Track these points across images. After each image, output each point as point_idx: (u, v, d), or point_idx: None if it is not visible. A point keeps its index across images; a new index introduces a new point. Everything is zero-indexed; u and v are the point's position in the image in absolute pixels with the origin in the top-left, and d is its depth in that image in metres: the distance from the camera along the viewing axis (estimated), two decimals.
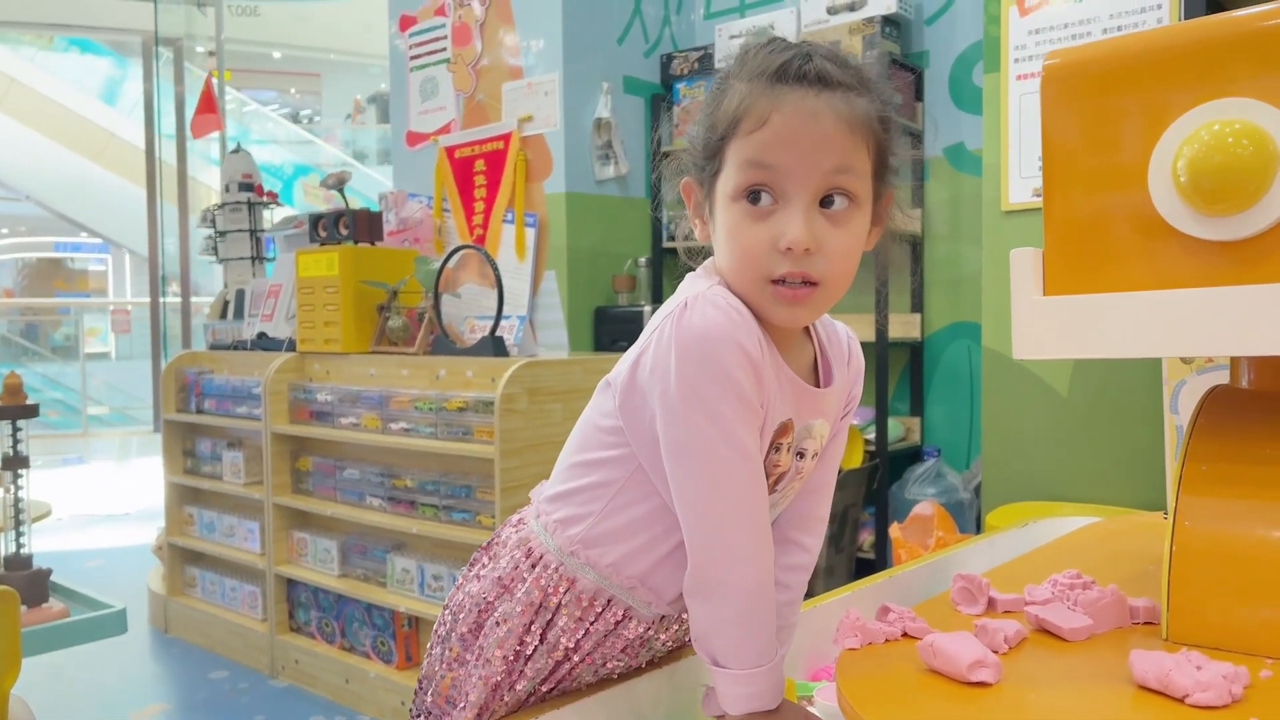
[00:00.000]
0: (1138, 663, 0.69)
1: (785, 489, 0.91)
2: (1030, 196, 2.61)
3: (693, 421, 0.80)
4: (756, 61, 0.82)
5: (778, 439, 0.86)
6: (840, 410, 0.95)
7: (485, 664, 0.91)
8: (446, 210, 3.82)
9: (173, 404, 3.46)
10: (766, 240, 0.79)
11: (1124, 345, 0.77)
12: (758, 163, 0.79)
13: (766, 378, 0.82)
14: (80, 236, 13.82)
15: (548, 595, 0.91)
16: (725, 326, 0.79)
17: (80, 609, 2.08)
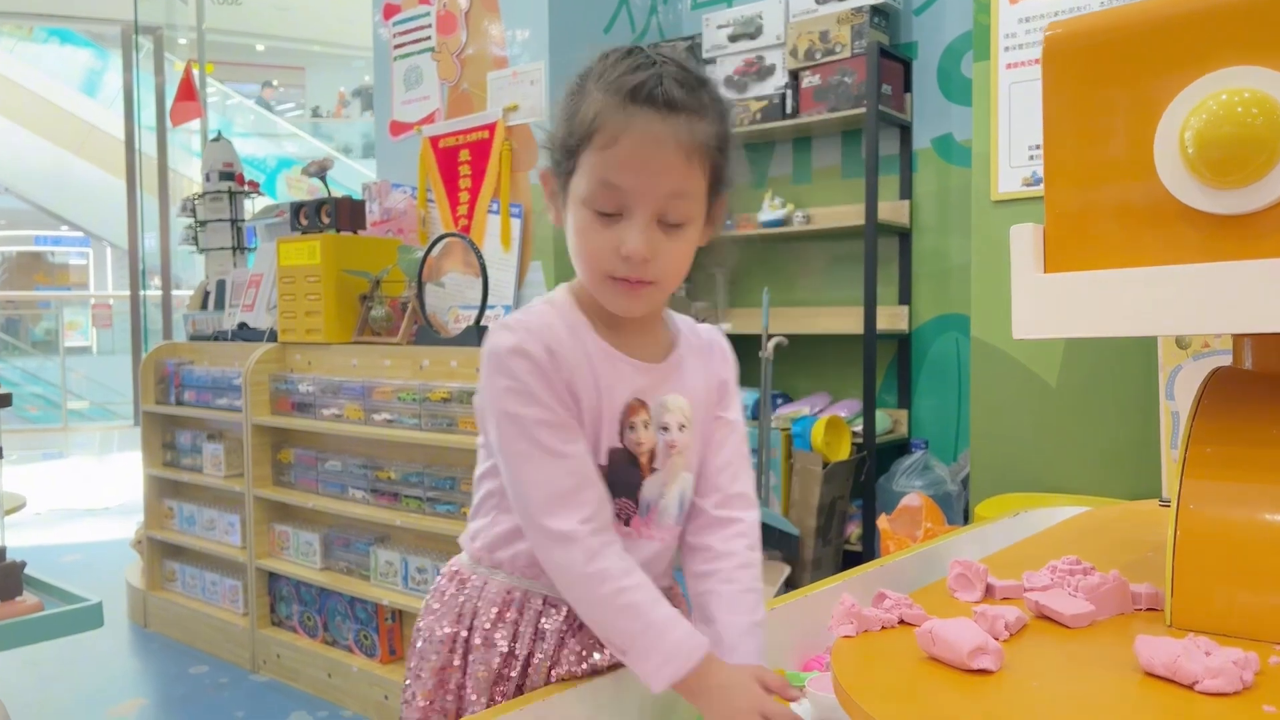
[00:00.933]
0: (1144, 649, 0.67)
1: (665, 465, 0.97)
2: (1020, 186, 2.59)
3: (502, 428, 0.91)
4: (615, 74, 0.89)
5: (629, 418, 0.95)
6: (707, 390, 1.02)
7: (418, 680, 1.01)
8: (431, 200, 3.78)
9: (152, 395, 3.41)
10: (610, 246, 0.88)
11: (1127, 323, 0.75)
12: (606, 182, 0.88)
13: (585, 371, 0.92)
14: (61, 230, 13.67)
15: (465, 603, 1.00)
16: (511, 343, 0.90)
17: (55, 602, 2.03)
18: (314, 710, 2.63)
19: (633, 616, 0.88)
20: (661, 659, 0.86)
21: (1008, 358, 2.63)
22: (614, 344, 0.95)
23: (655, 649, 0.87)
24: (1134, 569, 0.89)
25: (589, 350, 0.93)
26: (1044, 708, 0.64)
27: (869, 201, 3.31)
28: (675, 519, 1.00)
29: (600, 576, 0.88)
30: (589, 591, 0.89)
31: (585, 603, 0.90)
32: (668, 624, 0.88)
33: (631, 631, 0.88)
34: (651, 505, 0.98)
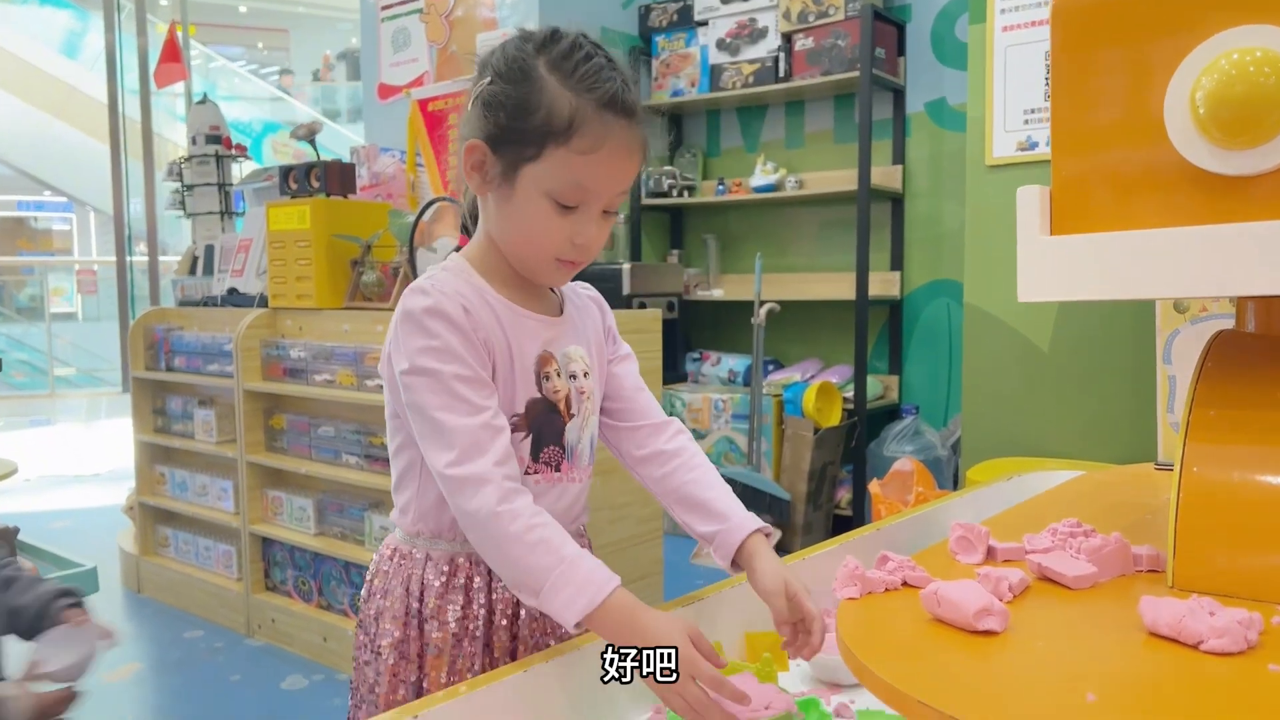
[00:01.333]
0: (1148, 609, 0.67)
1: (580, 408, 1.04)
2: (1014, 151, 2.59)
3: (417, 386, 0.94)
4: (580, 73, 0.92)
5: (543, 368, 1.01)
6: (600, 338, 1.10)
7: (377, 657, 1.03)
8: (420, 165, 3.74)
9: (141, 361, 3.39)
10: (565, 234, 0.95)
11: (1135, 285, 0.75)
12: (578, 184, 0.93)
13: (495, 328, 0.97)
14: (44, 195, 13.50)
15: (410, 577, 1.02)
16: (428, 304, 0.94)
17: (49, 568, 2.03)
18: (309, 673, 2.65)
19: (544, 551, 0.89)
20: (574, 591, 0.87)
21: (1000, 323, 2.64)
22: (515, 301, 1.00)
23: (567, 582, 0.88)
24: (1133, 531, 0.90)
25: (495, 309, 0.98)
26: (1051, 667, 0.64)
27: (862, 166, 3.30)
28: (589, 459, 1.08)
29: (512, 514, 0.90)
30: (501, 529, 0.90)
31: (496, 542, 0.91)
32: (578, 558, 0.90)
33: (543, 566, 0.89)
34: (574, 449, 1.04)
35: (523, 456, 1.00)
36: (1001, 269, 2.62)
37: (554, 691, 0.92)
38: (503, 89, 0.93)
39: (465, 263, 1.01)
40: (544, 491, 1.02)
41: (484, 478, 0.91)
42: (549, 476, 1.02)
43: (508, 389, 0.98)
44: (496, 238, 1.00)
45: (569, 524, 1.06)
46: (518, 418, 0.99)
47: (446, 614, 1.01)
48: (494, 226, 0.99)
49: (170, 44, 4.80)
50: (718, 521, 1.03)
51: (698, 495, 1.06)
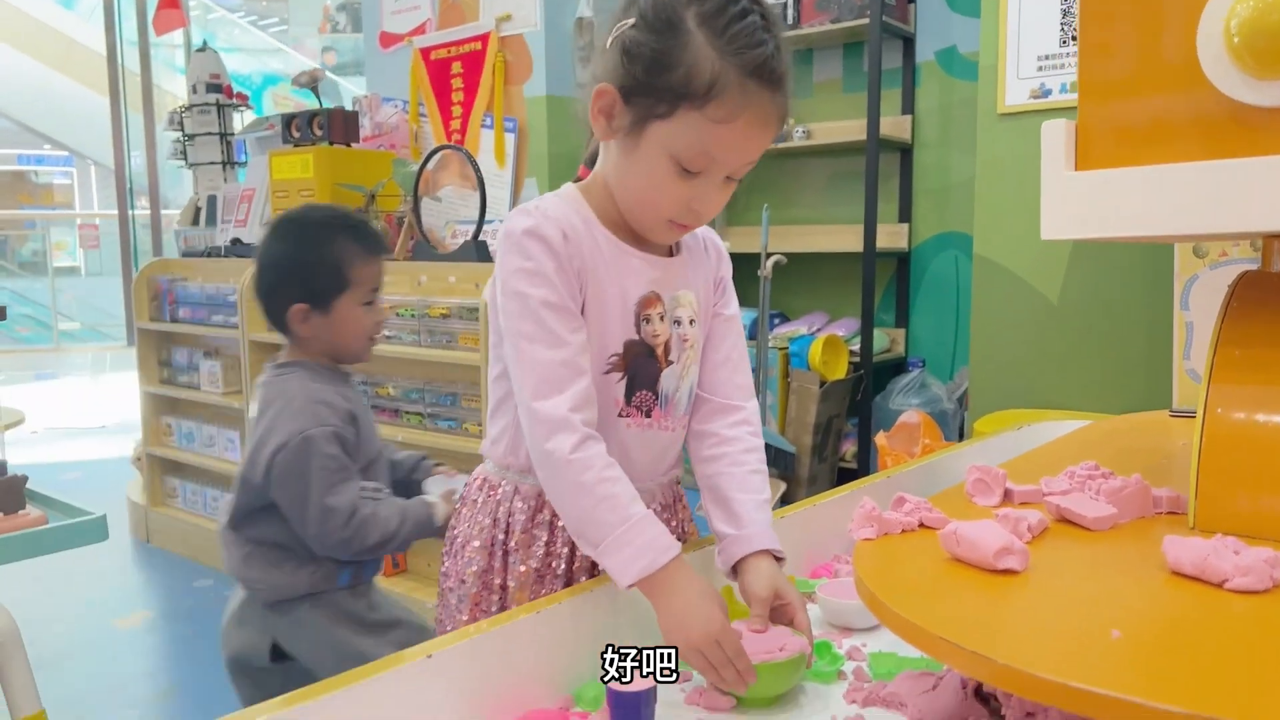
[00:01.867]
0: (1172, 548, 0.67)
1: (682, 357, 1.01)
2: (1027, 99, 2.54)
3: (508, 307, 0.92)
4: (733, 35, 0.85)
5: (645, 310, 0.97)
6: (709, 287, 1.06)
7: (461, 584, 1.03)
8: (423, 115, 3.70)
9: (146, 312, 3.37)
10: (683, 199, 0.91)
11: (1163, 221, 0.73)
12: (708, 154, 0.88)
13: (597, 260, 0.94)
14: (44, 149, 13.41)
15: (498, 507, 1.02)
16: (527, 224, 0.92)
17: (59, 517, 2.03)
18: None
19: (610, 508, 0.88)
20: (634, 552, 0.87)
21: (1010, 274, 2.61)
22: (623, 240, 0.97)
23: (629, 542, 0.87)
24: (1151, 475, 0.89)
25: (600, 243, 0.95)
26: (1074, 606, 0.64)
27: (870, 116, 3.25)
28: (685, 409, 1.04)
29: (585, 463, 0.89)
30: (572, 477, 0.89)
31: (565, 490, 0.91)
32: (644, 520, 0.89)
33: (608, 523, 0.88)
34: (669, 397, 1.01)
35: (617, 398, 0.97)
36: (1012, 219, 2.58)
37: (565, 632, 0.91)
38: (645, 37, 0.87)
39: (578, 194, 0.98)
40: (634, 436, 0.99)
41: (560, 421, 0.89)
42: (639, 421, 0.99)
43: (602, 326, 0.95)
44: (613, 186, 0.96)
45: (659, 475, 1.04)
46: (616, 357, 0.96)
47: (531, 549, 1.01)
48: (612, 175, 0.95)
49: None
50: (735, 525, 0.99)
51: (729, 492, 1.02)
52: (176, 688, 2.31)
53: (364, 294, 1.43)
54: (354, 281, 1.42)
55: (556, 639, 0.91)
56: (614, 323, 0.95)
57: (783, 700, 0.88)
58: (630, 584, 0.88)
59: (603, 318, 0.95)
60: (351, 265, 1.42)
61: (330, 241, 1.42)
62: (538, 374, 0.90)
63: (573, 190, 0.99)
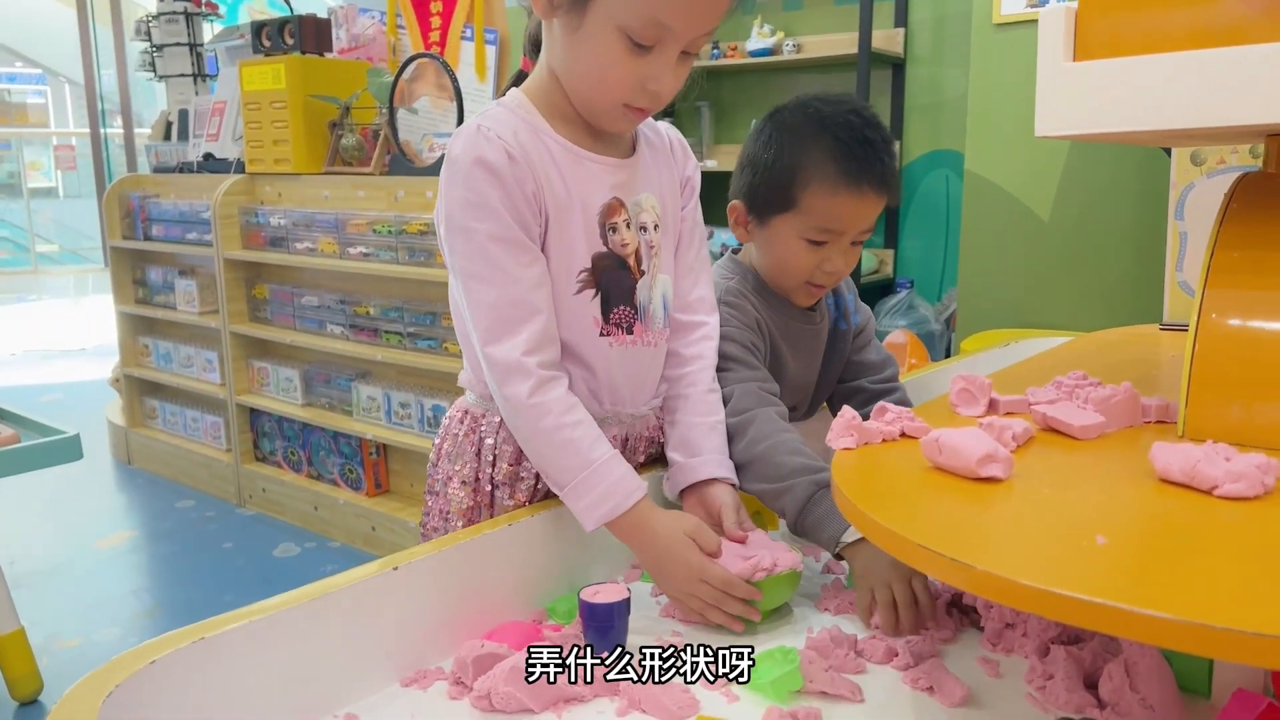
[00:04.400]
0: (1160, 455, 0.64)
1: (650, 266, 0.95)
2: (1024, 8, 2.46)
3: (455, 243, 0.87)
4: None
5: (609, 219, 0.91)
6: (675, 188, 1.00)
7: (446, 521, 1.00)
8: (401, 27, 3.57)
9: (118, 231, 3.30)
10: (636, 78, 0.84)
11: (1168, 114, 0.69)
12: (659, 23, 0.81)
13: (552, 174, 0.88)
14: (16, 66, 13.01)
15: (482, 441, 0.98)
16: (472, 153, 0.85)
17: (32, 435, 2.00)
18: (301, 541, 2.67)
19: (571, 453, 0.86)
20: (597, 497, 0.86)
21: (1001, 191, 2.57)
22: (579, 143, 0.91)
23: (591, 487, 0.86)
24: (1141, 384, 0.86)
25: (554, 153, 0.89)
26: (1058, 513, 0.61)
27: (863, 29, 3.16)
28: (664, 322, 0.99)
29: (543, 409, 0.86)
30: (530, 424, 0.87)
31: (526, 435, 0.89)
32: (606, 463, 0.86)
33: (569, 468, 0.86)
34: (646, 309, 0.96)
35: (595, 317, 0.92)
36: (1005, 134, 2.52)
37: (536, 546, 0.89)
38: None
39: (525, 98, 0.91)
40: (619, 356, 0.95)
41: (515, 364, 0.85)
42: (621, 339, 0.94)
43: (569, 243, 0.90)
44: (560, 73, 0.89)
45: (649, 397, 1.01)
46: (585, 274, 0.91)
47: (519, 483, 0.97)
48: (558, 60, 0.89)
49: None
50: (686, 452, 0.97)
51: (683, 415, 0.99)
52: (160, 606, 2.31)
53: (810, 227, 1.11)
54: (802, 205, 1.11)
55: (528, 553, 0.89)
56: (577, 237, 0.90)
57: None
58: (593, 528, 0.86)
59: (566, 233, 0.89)
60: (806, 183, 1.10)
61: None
62: (489, 316, 0.86)
63: (518, 96, 0.92)
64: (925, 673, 0.75)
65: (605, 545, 0.92)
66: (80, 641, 2.11)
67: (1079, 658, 0.74)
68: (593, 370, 0.94)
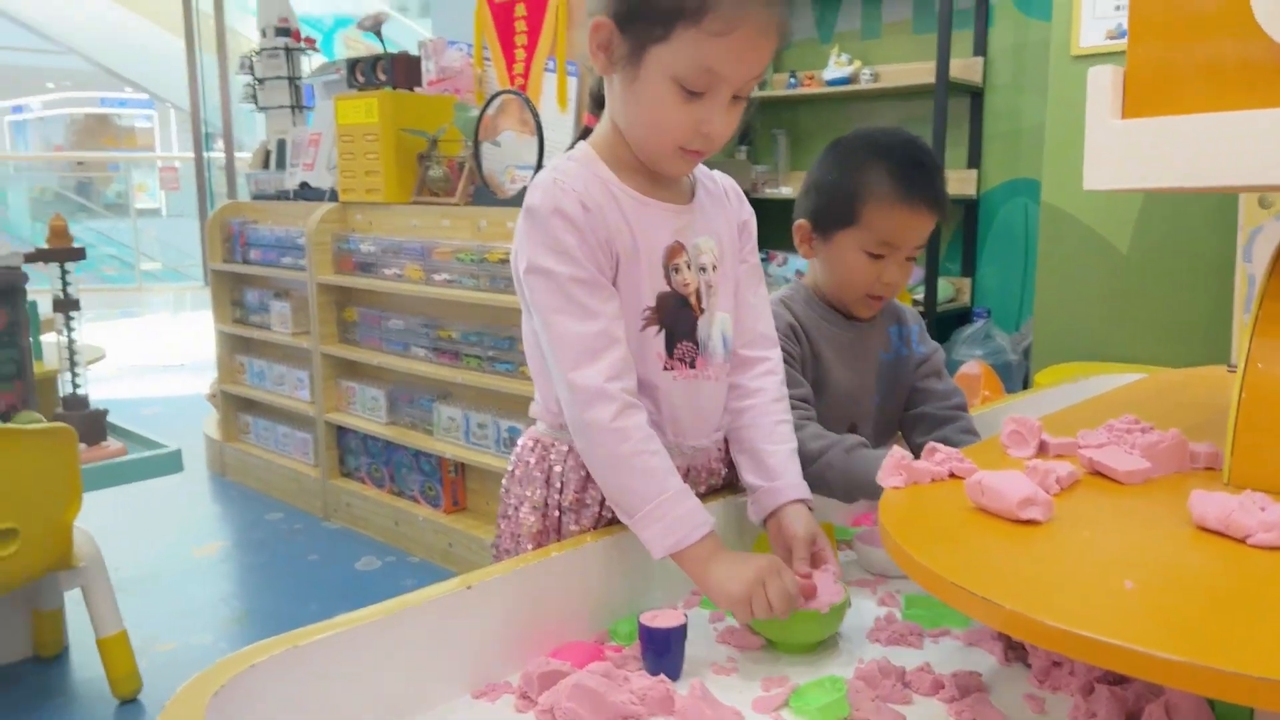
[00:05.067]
0: (1198, 503, 0.66)
1: (709, 304, 1.01)
2: (1103, 40, 2.45)
3: (536, 285, 0.93)
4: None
5: (671, 260, 0.98)
6: (733, 231, 1.06)
7: (518, 545, 1.05)
8: (487, 59, 3.70)
9: (219, 254, 3.48)
10: (690, 122, 0.91)
11: (1212, 171, 0.71)
12: (710, 70, 0.87)
13: (619, 222, 0.94)
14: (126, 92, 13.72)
15: (551, 468, 1.03)
16: (547, 202, 0.92)
17: (138, 448, 2.14)
18: (382, 555, 2.77)
19: (646, 480, 0.90)
20: (666, 527, 0.89)
21: (1079, 223, 2.55)
22: (642, 191, 0.97)
23: (662, 516, 0.89)
24: (1195, 430, 0.88)
25: (620, 201, 0.95)
26: (1092, 557, 0.64)
27: (940, 58, 3.16)
28: (724, 357, 1.04)
29: (623, 434, 0.90)
30: (610, 448, 0.91)
31: (603, 460, 0.93)
32: (678, 494, 0.90)
33: (643, 494, 0.90)
34: (707, 345, 1.01)
35: (659, 352, 0.98)
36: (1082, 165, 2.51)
37: (600, 571, 0.94)
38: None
39: (591, 151, 0.98)
40: (682, 389, 1.00)
41: (598, 391, 0.90)
42: (684, 373, 1.00)
43: (636, 283, 0.96)
44: (620, 123, 0.96)
45: (711, 430, 1.05)
46: (649, 312, 0.97)
47: (584, 510, 1.02)
48: (618, 111, 0.96)
49: None
50: (766, 477, 1.01)
51: (757, 444, 1.04)
52: (248, 613, 2.42)
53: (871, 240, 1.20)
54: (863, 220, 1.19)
55: (592, 575, 0.94)
56: (643, 278, 0.96)
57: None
58: (661, 555, 0.90)
59: (634, 274, 0.96)
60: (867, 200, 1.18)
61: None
62: (573, 346, 0.91)
63: (586, 149, 0.99)
64: (970, 706, 0.78)
65: (665, 572, 0.97)
66: (176, 645, 2.23)
67: (1122, 698, 0.75)
68: (657, 403, 0.99)
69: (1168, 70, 0.75)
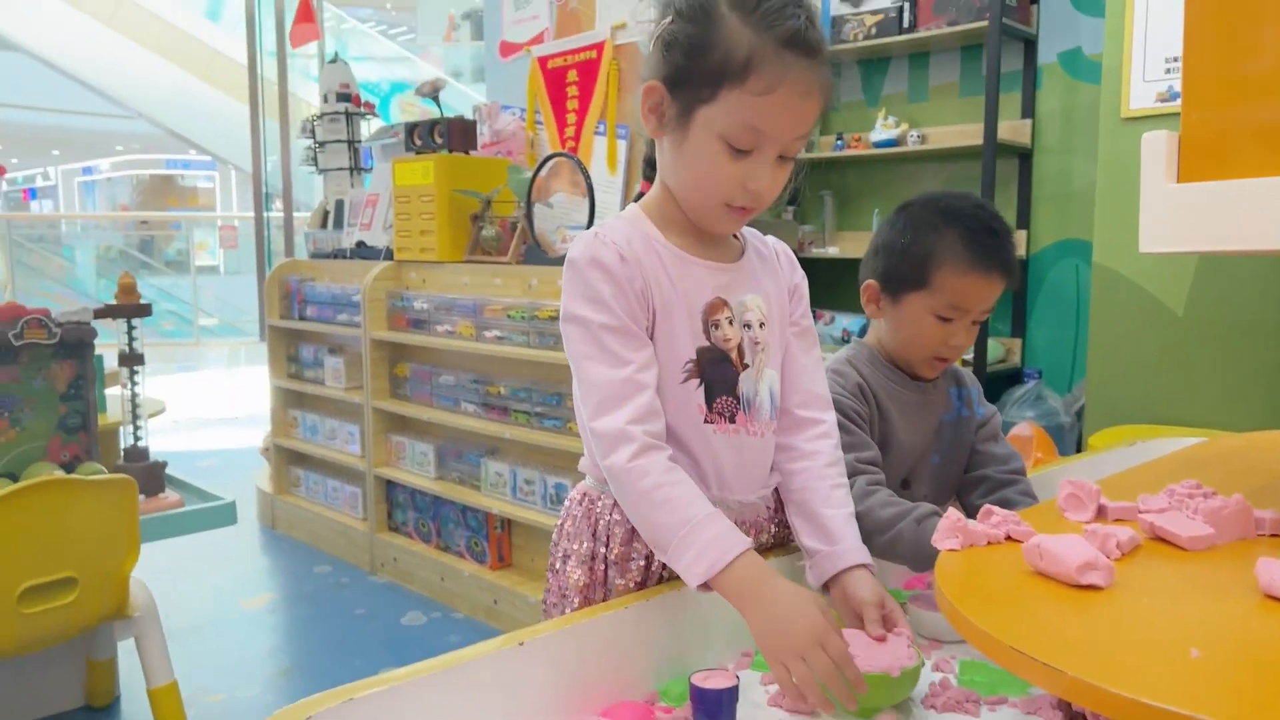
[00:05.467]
0: (1265, 570, 0.65)
1: (755, 360, 1.02)
2: (1154, 102, 2.45)
3: (571, 332, 0.96)
4: (764, 11, 0.89)
5: (712, 315, 0.99)
6: (783, 294, 1.08)
7: (564, 599, 1.05)
8: (539, 122, 3.79)
9: (276, 310, 3.57)
10: (737, 179, 0.93)
11: (1268, 235, 0.71)
12: (754, 128, 0.90)
13: (660, 274, 0.97)
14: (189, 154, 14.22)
15: (598, 521, 1.03)
16: (587, 253, 0.95)
17: (194, 500, 2.18)
18: (428, 611, 2.77)
19: (669, 511, 0.90)
20: (696, 553, 0.88)
21: (1131, 284, 2.52)
22: (687, 249, 1.00)
23: (690, 543, 0.88)
24: (1258, 495, 0.86)
25: (662, 255, 0.98)
26: (1154, 625, 0.63)
27: (988, 120, 3.17)
28: (770, 414, 1.04)
29: (641, 471, 0.91)
30: (632, 485, 0.91)
31: (629, 500, 0.93)
32: (708, 519, 0.89)
33: (669, 525, 0.90)
34: (751, 401, 1.02)
35: (699, 404, 0.99)
36: (1134, 227, 2.49)
37: (651, 629, 0.94)
38: (682, 28, 0.92)
39: (640, 211, 1.02)
40: (724, 444, 1.00)
41: (619, 433, 0.91)
42: (724, 427, 1.00)
43: (674, 337, 0.97)
44: (669, 182, 0.99)
45: (758, 486, 1.04)
46: (691, 364, 0.98)
47: (629, 564, 1.01)
48: (667, 171, 0.99)
49: (304, 6, 4.97)
50: (826, 541, 1.00)
51: (815, 507, 1.03)
52: (295, 667, 2.44)
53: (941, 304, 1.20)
54: (934, 284, 1.20)
55: (644, 634, 0.94)
56: (683, 331, 0.98)
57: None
58: (698, 584, 0.88)
59: (673, 327, 0.97)
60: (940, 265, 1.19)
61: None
62: (599, 392, 0.93)
63: (634, 209, 1.03)
64: None
65: (718, 631, 0.96)
66: (224, 697, 2.25)
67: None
68: (698, 456, 0.99)
69: (1222, 134, 0.75)
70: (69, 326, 1.98)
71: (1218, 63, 0.75)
